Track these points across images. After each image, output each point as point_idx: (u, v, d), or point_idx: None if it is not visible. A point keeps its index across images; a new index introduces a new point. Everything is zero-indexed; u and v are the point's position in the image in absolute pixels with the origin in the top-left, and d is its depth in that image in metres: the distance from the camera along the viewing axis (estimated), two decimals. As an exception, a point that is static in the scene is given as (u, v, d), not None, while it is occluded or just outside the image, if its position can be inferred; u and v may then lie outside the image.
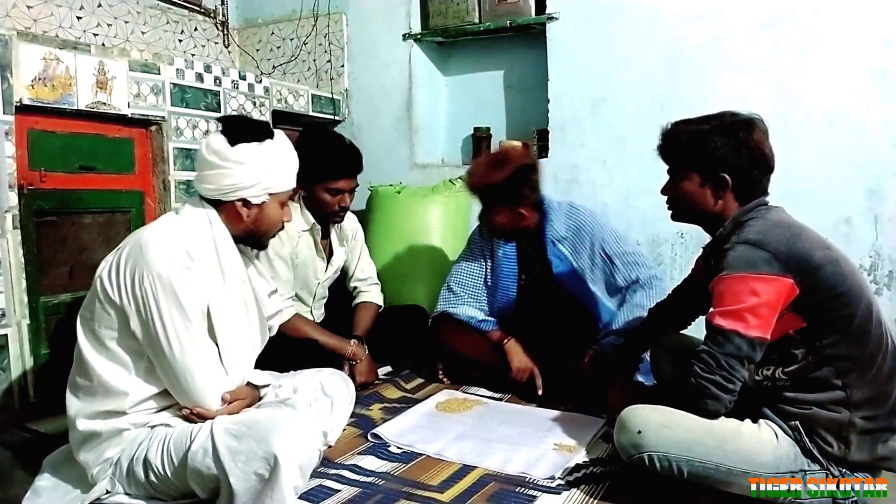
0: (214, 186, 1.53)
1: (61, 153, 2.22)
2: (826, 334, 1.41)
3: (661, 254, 2.84)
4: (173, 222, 1.53)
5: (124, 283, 1.41)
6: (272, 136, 1.56)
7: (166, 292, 1.39)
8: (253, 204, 1.56)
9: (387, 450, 1.81)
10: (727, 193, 1.54)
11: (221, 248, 1.54)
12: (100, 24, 3.00)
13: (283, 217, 1.64)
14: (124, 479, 1.46)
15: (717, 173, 1.53)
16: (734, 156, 1.51)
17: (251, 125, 1.57)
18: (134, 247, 1.44)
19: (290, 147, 1.62)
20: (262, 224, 1.60)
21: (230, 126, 1.54)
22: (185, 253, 1.45)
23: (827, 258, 1.42)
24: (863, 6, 2.46)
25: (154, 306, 1.39)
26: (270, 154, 1.54)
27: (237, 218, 1.56)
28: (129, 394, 1.44)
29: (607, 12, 2.85)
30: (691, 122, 1.59)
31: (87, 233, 2.33)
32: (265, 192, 1.55)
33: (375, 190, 3.16)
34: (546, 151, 3.04)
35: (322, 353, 2.23)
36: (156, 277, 1.39)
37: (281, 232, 2.21)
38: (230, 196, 1.53)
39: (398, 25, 3.34)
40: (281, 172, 1.58)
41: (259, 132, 1.54)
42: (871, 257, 2.51)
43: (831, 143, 2.53)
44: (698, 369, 1.42)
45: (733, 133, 1.51)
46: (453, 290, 2.48)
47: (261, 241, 1.65)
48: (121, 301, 1.41)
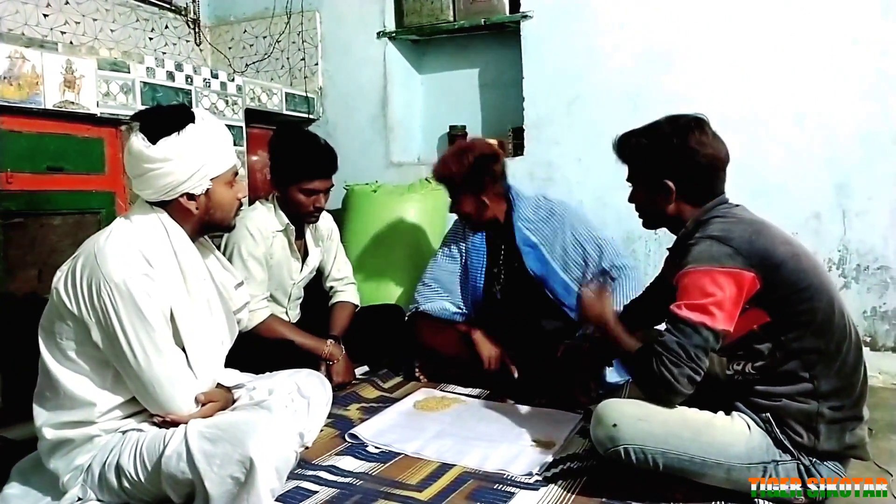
0: (151, 190, 1.47)
1: (28, 154, 2.17)
2: (790, 329, 1.44)
3: (636, 250, 2.87)
4: (127, 228, 1.47)
5: (82, 294, 1.36)
6: (193, 120, 1.47)
7: (125, 301, 1.35)
8: (197, 195, 1.50)
9: (365, 450, 1.81)
10: (675, 198, 1.58)
11: (179, 249, 1.49)
12: (67, 21, 2.94)
13: (236, 195, 1.58)
14: (96, 485, 1.43)
15: (659, 181, 1.58)
16: (672, 163, 1.55)
17: (166, 116, 1.47)
18: (88, 256, 1.39)
19: (216, 124, 1.54)
20: (216, 210, 1.54)
21: (146, 123, 1.46)
22: (143, 258, 1.41)
23: (789, 253, 1.46)
24: (831, 6, 2.51)
25: (114, 316, 1.35)
26: (196, 140, 1.46)
27: (187, 213, 1.51)
28: (97, 404, 1.41)
29: (581, 11, 2.87)
30: (633, 134, 1.65)
31: (56, 235, 2.28)
32: (205, 178, 1.49)
33: (351, 189, 3.14)
34: (521, 149, 3.05)
35: (298, 354, 2.21)
36: (114, 287, 1.35)
37: (255, 232, 2.22)
38: (171, 195, 1.48)
39: (372, 23, 3.32)
40: (214, 153, 1.49)
41: (177, 120, 1.45)
42: (839, 251, 2.56)
43: (801, 140, 2.58)
44: (667, 359, 1.43)
45: (668, 141, 1.55)
46: (427, 285, 2.49)
47: (221, 226, 1.60)
48: (80, 312, 1.37)
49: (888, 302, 2.51)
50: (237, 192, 1.59)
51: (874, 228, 2.51)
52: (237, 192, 1.59)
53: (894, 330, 2.52)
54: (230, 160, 1.55)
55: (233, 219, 1.62)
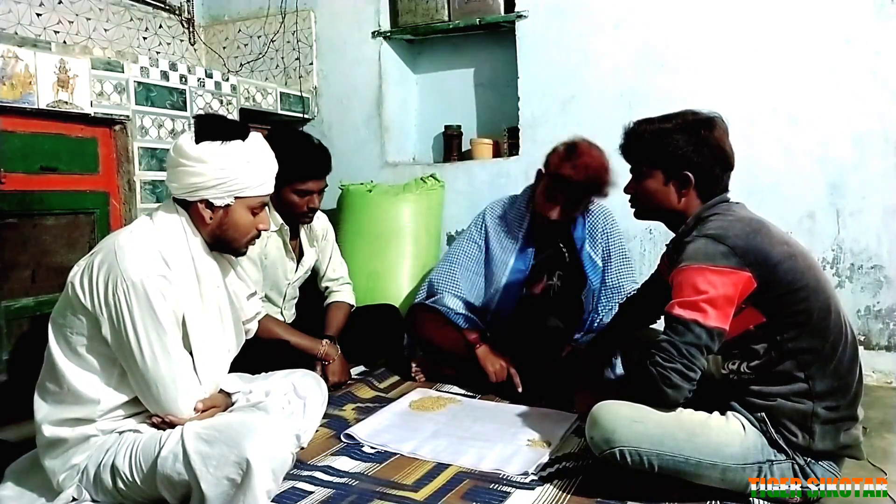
0: (178, 185, 1.50)
1: (21, 154, 2.16)
2: (786, 329, 1.44)
3: (630, 249, 2.85)
4: (148, 227, 1.48)
5: (97, 290, 1.37)
6: (244, 138, 1.50)
7: (140, 300, 1.36)
8: (217, 206, 1.50)
9: (360, 450, 1.80)
10: (690, 191, 1.57)
11: (196, 254, 1.50)
12: (60, 21, 2.92)
13: (257, 225, 1.57)
14: (91, 485, 1.43)
15: (681, 171, 1.56)
16: (696, 154, 1.54)
17: (221, 124, 1.51)
18: (108, 252, 1.40)
19: (264, 151, 1.56)
20: (229, 229, 1.54)
21: (200, 125, 1.50)
22: (161, 259, 1.42)
23: (785, 253, 1.46)
24: (825, 7, 2.52)
25: (127, 314, 1.36)
26: (235, 154, 1.48)
27: (201, 221, 1.52)
28: (101, 401, 1.41)
29: (576, 10, 2.87)
30: (653, 120, 1.62)
31: (49, 235, 2.27)
32: (229, 194, 1.49)
33: (346, 189, 3.14)
34: (517, 149, 3.05)
35: (294, 354, 2.21)
36: (130, 285, 1.36)
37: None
38: (193, 196, 1.49)
39: (367, 23, 3.32)
40: (248, 175, 1.50)
41: (228, 132, 1.49)
42: (833, 251, 2.57)
43: (795, 139, 2.59)
44: (659, 358, 1.44)
45: (695, 131, 1.54)
46: (452, 273, 2.45)
47: (231, 248, 1.59)
48: (93, 307, 1.38)
49: (882, 301, 2.52)
50: (259, 222, 1.57)
51: (868, 228, 2.52)
52: (258, 223, 1.57)
53: (888, 329, 2.53)
54: (263, 188, 1.55)
55: (245, 245, 1.59)
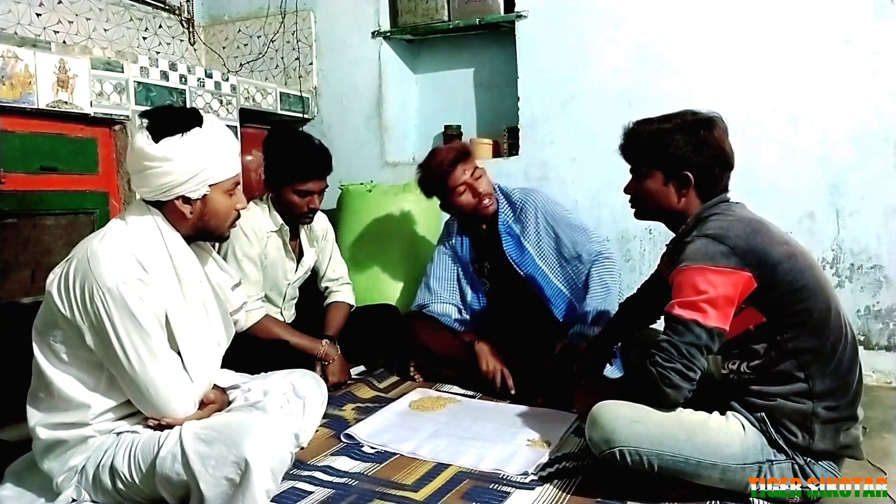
0: (148, 188, 1.46)
1: (21, 154, 2.16)
2: (786, 329, 1.44)
3: (630, 249, 2.87)
4: (121, 231, 1.44)
5: (75, 298, 1.35)
6: (200, 124, 1.45)
7: (118, 307, 1.34)
8: (194, 199, 1.48)
9: (360, 450, 1.80)
10: (690, 191, 1.57)
11: (174, 252, 1.47)
12: (60, 21, 2.92)
13: (235, 205, 1.55)
14: (90, 486, 1.43)
15: (681, 171, 1.56)
16: (696, 154, 1.54)
17: (174, 116, 1.45)
18: (82, 259, 1.37)
19: (223, 131, 1.52)
20: (210, 218, 1.52)
21: (153, 121, 1.45)
22: (136, 262, 1.39)
23: (786, 253, 1.46)
24: (825, 7, 2.52)
25: (107, 321, 1.34)
26: (199, 144, 1.44)
27: (181, 217, 1.49)
28: (91, 406, 1.40)
29: (576, 10, 2.87)
30: (653, 121, 1.62)
31: (49, 235, 2.27)
32: (203, 184, 1.46)
33: (346, 188, 3.14)
34: (516, 149, 3.05)
35: (294, 354, 2.21)
36: (106, 291, 1.33)
37: (249, 233, 2.21)
38: (168, 195, 1.46)
39: (367, 23, 3.32)
40: (216, 160, 1.47)
41: (183, 122, 1.43)
42: (833, 251, 2.57)
43: (795, 139, 2.59)
44: (659, 358, 1.44)
45: (695, 131, 1.54)
46: (430, 287, 2.49)
47: (215, 235, 1.57)
48: (73, 316, 1.36)
49: (882, 301, 2.52)
50: (235, 202, 1.56)
51: (868, 228, 2.52)
52: (235, 203, 1.56)
53: (888, 329, 2.53)
54: (232, 169, 1.52)
55: (227, 229, 1.58)
